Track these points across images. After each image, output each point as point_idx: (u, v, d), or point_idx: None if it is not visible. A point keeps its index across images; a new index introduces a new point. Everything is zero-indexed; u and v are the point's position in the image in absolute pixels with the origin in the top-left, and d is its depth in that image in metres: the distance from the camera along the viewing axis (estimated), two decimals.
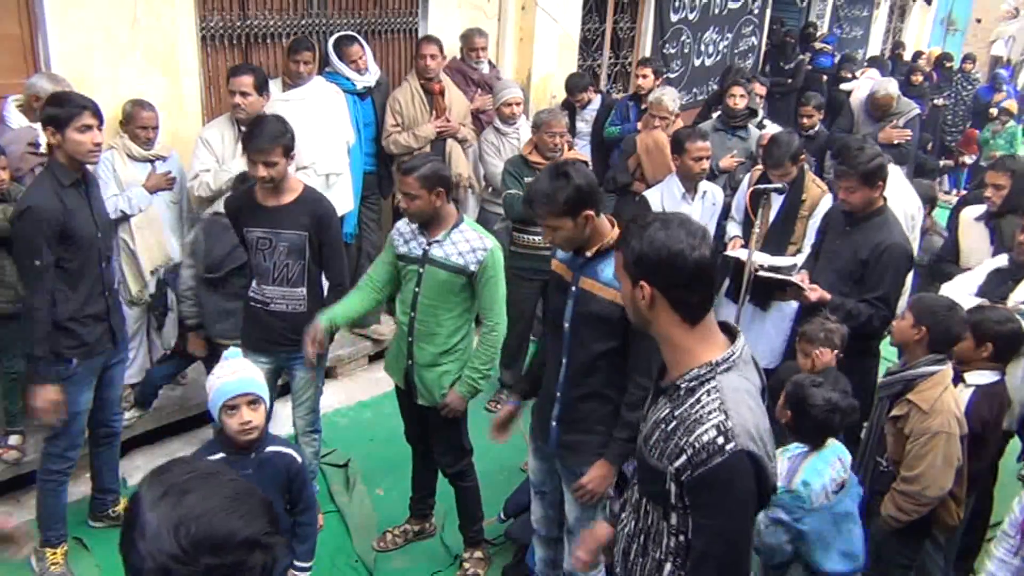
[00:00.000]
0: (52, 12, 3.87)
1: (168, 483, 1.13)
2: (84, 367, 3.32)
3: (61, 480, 3.43)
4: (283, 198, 3.41)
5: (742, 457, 1.70)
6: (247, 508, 1.14)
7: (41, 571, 3.49)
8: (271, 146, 3.25)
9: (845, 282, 3.63)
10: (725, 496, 1.73)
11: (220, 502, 1.12)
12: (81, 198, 3.19)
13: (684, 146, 4.39)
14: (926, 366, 3.00)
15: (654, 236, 1.78)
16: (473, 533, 3.68)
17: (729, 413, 1.72)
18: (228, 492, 1.14)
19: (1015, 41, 16.56)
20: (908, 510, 2.93)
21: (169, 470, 1.17)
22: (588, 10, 7.09)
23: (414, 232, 3.28)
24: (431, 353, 3.31)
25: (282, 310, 3.51)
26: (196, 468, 1.18)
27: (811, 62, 9.55)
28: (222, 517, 1.10)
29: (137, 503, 1.13)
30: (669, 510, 1.84)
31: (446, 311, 3.26)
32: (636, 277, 1.81)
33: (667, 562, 1.89)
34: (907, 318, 3.10)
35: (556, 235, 2.68)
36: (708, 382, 1.78)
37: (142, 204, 4.10)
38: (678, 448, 1.75)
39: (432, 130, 5.17)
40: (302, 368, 3.57)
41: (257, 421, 2.52)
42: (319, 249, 3.48)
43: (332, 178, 4.75)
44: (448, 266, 3.20)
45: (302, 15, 5.07)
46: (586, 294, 2.70)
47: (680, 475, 1.76)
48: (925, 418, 2.89)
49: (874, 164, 3.55)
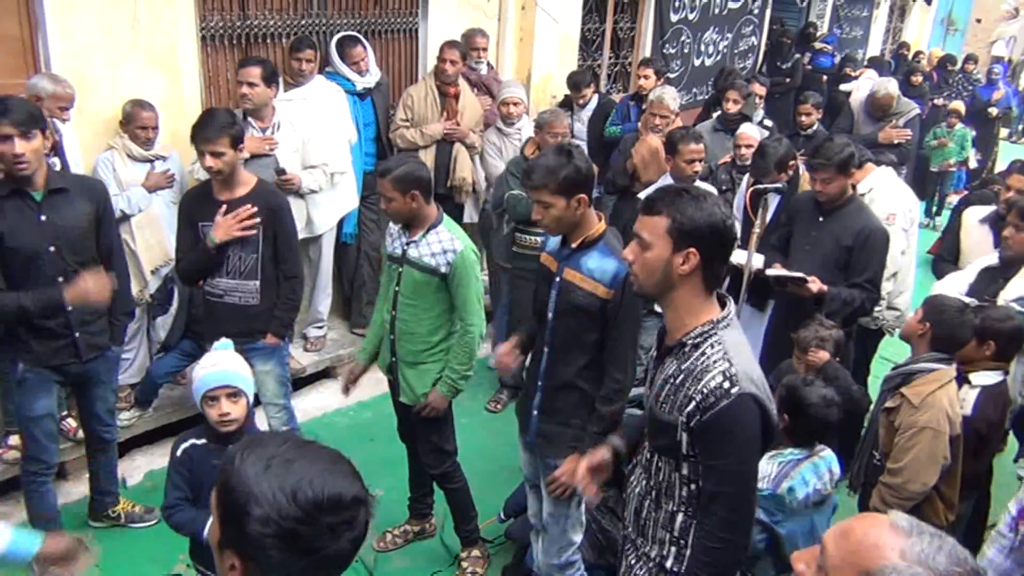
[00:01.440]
0: (52, 12, 3.86)
1: (269, 455, 1.18)
2: (35, 375, 3.22)
3: (40, 481, 3.39)
4: (236, 191, 3.43)
5: (747, 399, 1.86)
6: (347, 470, 1.22)
7: (41, 572, 3.49)
8: (217, 136, 3.26)
9: (830, 270, 3.70)
10: (733, 436, 1.88)
11: (324, 466, 1.19)
12: (23, 209, 3.03)
13: (677, 148, 4.41)
14: (927, 363, 3.02)
15: (710, 208, 1.92)
16: (468, 532, 3.68)
17: (732, 361, 1.89)
18: (327, 457, 1.22)
19: (1016, 42, 16.55)
20: (891, 503, 2.97)
21: (261, 444, 1.21)
22: (588, 10, 7.09)
23: (399, 231, 3.33)
24: (413, 351, 3.34)
25: (235, 302, 3.53)
26: (287, 439, 1.24)
27: (811, 62, 9.56)
28: (331, 479, 1.17)
29: (236, 476, 1.17)
30: (681, 460, 1.98)
31: (424, 310, 3.28)
32: (684, 244, 1.91)
33: (679, 512, 2.04)
34: (918, 313, 3.17)
35: (547, 213, 2.70)
36: (711, 336, 1.94)
37: (141, 204, 4.10)
38: (687, 397, 1.91)
39: (440, 130, 5.19)
40: (258, 360, 3.55)
41: (236, 414, 2.54)
42: (273, 242, 3.50)
43: (337, 176, 4.77)
44: (421, 266, 3.23)
45: (302, 15, 5.07)
46: (569, 284, 2.76)
47: (690, 422, 1.90)
48: (914, 412, 2.93)
49: (846, 153, 3.71)
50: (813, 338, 3.37)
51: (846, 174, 3.73)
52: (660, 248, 1.93)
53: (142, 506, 3.93)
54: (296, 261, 3.66)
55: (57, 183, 3.13)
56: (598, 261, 2.72)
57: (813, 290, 3.61)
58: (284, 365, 3.79)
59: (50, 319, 3.16)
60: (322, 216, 4.82)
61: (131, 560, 3.67)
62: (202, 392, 2.53)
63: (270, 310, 3.57)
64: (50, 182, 3.10)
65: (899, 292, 4.38)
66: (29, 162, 2.96)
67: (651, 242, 1.95)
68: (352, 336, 5.37)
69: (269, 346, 3.60)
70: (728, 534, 1.93)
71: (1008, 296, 3.56)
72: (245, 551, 1.17)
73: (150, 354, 4.50)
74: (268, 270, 3.53)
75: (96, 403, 3.51)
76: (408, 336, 3.32)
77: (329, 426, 4.78)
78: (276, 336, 3.61)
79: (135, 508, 3.91)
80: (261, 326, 3.57)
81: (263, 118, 4.32)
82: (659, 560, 2.09)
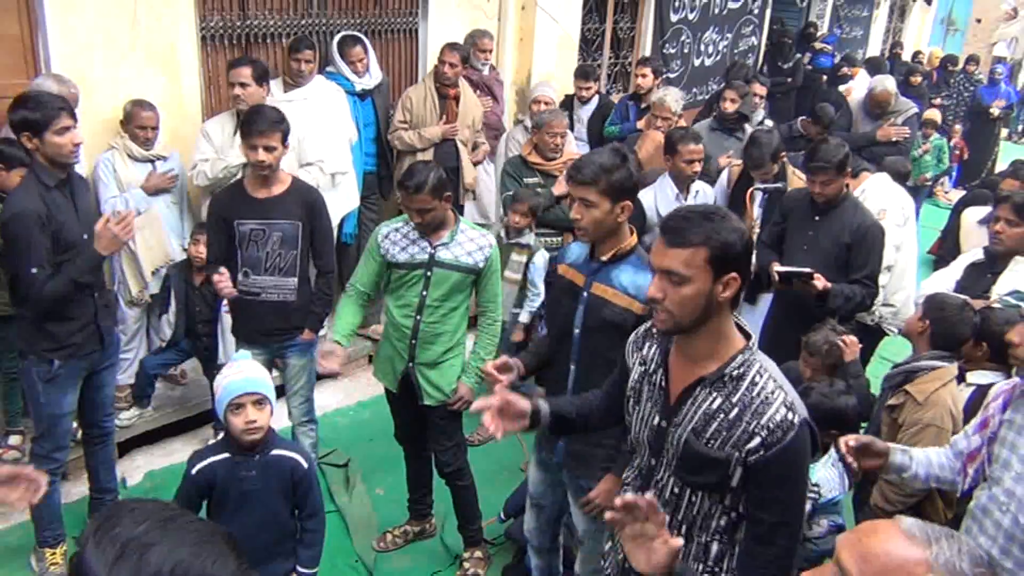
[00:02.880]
0: (52, 12, 3.86)
1: (123, 539, 1.01)
2: (67, 369, 3.26)
3: (51, 480, 3.36)
4: (274, 189, 3.45)
5: (805, 425, 1.81)
6: (216, 550, 1.04)
7: (41, 571, 3.49)
8: (271, 130, 3.29)
9: (830, 268, 3.71)
10: (799, 466, 1.84)
11: (189, 550, 1.02)
12: (66, 200, 3.13)
13: (676, 148, 4.41)
14: (929, 360, 3.03)
15: (739, 227, 1.83)
16: (472, 532, 3.68)
17: (785, 388, 1.83)
18: (192, 537, 1.04)
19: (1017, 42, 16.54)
20: (893, 500, 2.99)
21: (117, 523, 1.03)
22: (588, 10, 7.09)
23: (410, 238, 3.28)
24: (437, 352, 3.34)
25: (273, 300, 3.55)
26: (148, 514, 1.05)
27: (811, 62, 9.55)
28: (197, 564, 1.01)
29: (85, 567, 1.01)
30: (725, 493, 1.89)
31: (452, 310, 3.31)
32: (725, 270, 1.80)
33: (714, 542, 1.95)
34: (918, 310, 3.19)
35: (587, 213, 2.54)
36: (753, 364, 1.86)
37: (140, 206, 4.09)
38: (747, 433, 1.80)
39: (438, 132, 5.19)
40: (295, 356, 3.65)
41: (262, 421, 2.52)
42: (311, 238, 3.54)
43: (338, 176, 4.77)
44: (460, 267, 3.24)
45: (302, 15, 5.07)
46: (599, 300, 2.62)
47: (748, 456, 1.81)
48: (918, 409, 2.93)
49: (842, 154, 3.76)
50: (824, 342, 3.36)
51: (844, 174, 3.78)
52: (701, 280, 1.79)
53: None
54: (331, 256, 3.72)
55: (73, 175, 3.22)
56: (632, 276, 2.58)
57: (819, 287, 3.62)
58: (314, 360, 3.84)
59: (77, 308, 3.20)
60: None
61: None
62: (228, 399, 2.49)
63: (306, 306, 3.62)
64: (71, 170, 3.20)
65: (896, 289, 4.39)
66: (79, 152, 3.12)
67: (689, 276, 1.79)
68: (352, 336, 5.34)
69: (306, 341, 3.66)
70: (788, 561, 1.87)
71: (1000, 290, 3.56)
72: None
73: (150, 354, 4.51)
74: (305, 267, 3.58)
75: (105, 388, 3.55)
76: (434, 338, 3.32)
77: (329, 426, 4.78)
78: (312, 331, 3.67)
79: None
80: (299, 322, 3.62)
81: None
82: None
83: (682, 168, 4.41)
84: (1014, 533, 2.17)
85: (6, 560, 3.58)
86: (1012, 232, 3.68)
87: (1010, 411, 2.26)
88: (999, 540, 2.21)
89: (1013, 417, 2.24)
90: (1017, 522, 2.16)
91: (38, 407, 3.32)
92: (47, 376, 3.22)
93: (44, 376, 3.22)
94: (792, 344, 3.53)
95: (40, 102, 2.98)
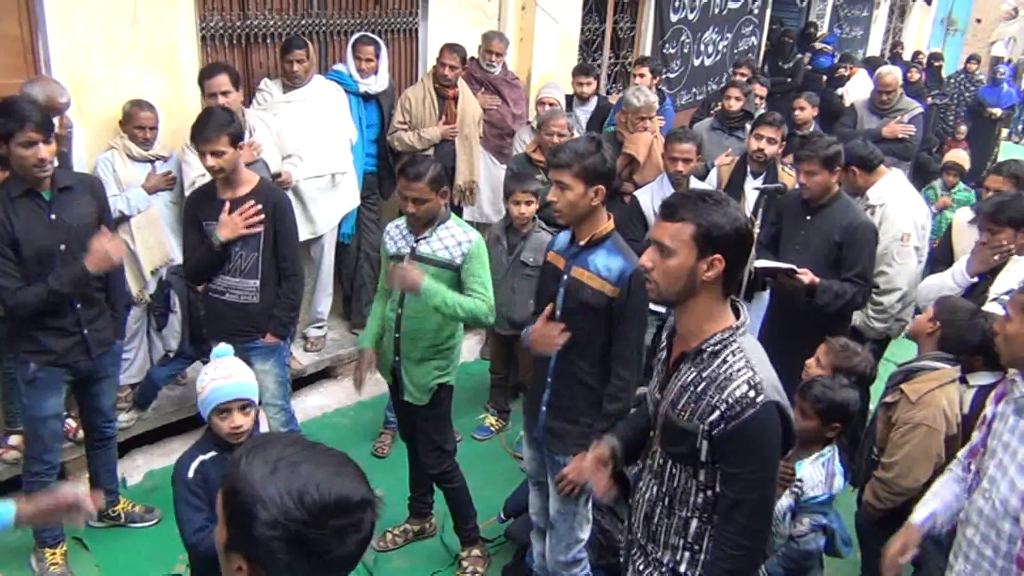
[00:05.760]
0: (52, 12, 3.86)
1: (275, 457, 1.18)
2: (45, 373, 3.24)
3: (43, 481, 3.38)
4: (239, 190, 3.44)
5: (771, 408, 1.87)
6: (353, 472, 1.21)
7: (41, 571, 3.50)
8: (216, 135, 3.27)
9: (821, 267, 3.73)
10: (758, 445, 1.89)
11: (331, 468, 1.19)
12: (35, 209, 3.07)
13: (668, 145, 4.42)
14: (930, 361, 3.04)
15: (734, 213, 1.91)
16: (468, 532, 3.68)
17: (756, 369, 1.89)
18: (333, 460, 1.21)
19: (1016, 42, 16.55)
20: (883, 497, 3.01)
21: (265, 447, 1.20)
22: (588, 10, 7.09)
23: (402, 231, 3.34)
24: (420, 348, 3.34)
25: (235, 300, 3.55)
26: (293, 440, 1.23)
27: (811, 62, 9.55)
28: (338, 482, 1.17)
29: (242, 479, 1.16)
30: (698, 468, 1.97)
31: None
32: (709, 250, 1.89)
33: (693, 518, 2.03)
34: (929, 312, 3.20)
35: (563, 195, 2.71)
36: (730, 344, 1.94)
37: (140, 205, 4.09)
38: (710, 406, 1.90)
39: (437, 133, 5.19)
40: (258, 359, 3.58)
41: (248, 426, 2.52)
42: (274, 240, 3.50)
43: (338, 176, 4.76)
44: (436, 261, 3.24)
45: (302, 15, 5.07)
46: (576, 282, 2.78)
47: (712, 430, 1.90)
48: (911, 408, 2.95)
49: (832, 149, 3.77)
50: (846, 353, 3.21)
51: (831, 170, 3.78)
52: (684, 255, 1.91)
53: (142, 506, 3.93)
54: (296, 259, 3.65)
55: (64, 181, 3.17)
56: (605, 259, 2.75)
57: (804, 281, 3.64)
58: (284, 366, 3.79)
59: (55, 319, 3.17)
60: (324, 216, 4.82)
61: (131, 560, 3.67)
62: (214, 405, 2.48)
63: (270, 309, 3.57)
64: (57, 180, 3.13)
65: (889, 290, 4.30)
66: (49, 165, 3.03)
67: (674, 249, 1.91)
68: (352, 336, 5.36)
69: (268, 345, 3.60)
70: (749, 540, 1.94)
71: (998, 291, 3.56)
72: (252, 554, 1.17)
73: (150, 355, 4.50)
74: (268, 269, 3.54)
75: (103, 397, 3.53)
76: (416, 333, 3.32)
77: (329, 426, 4.79)
78: (275, 336, 3.61)
79: (135, 508, 3.91)
80: (260, 325, 3.57)
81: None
82: (672, 565, 2.09)
83: (666, 165, 4.44)
84: (994, 520, 2.25)
85: (6, 560, 3.58)
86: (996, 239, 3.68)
87: (1002, 404, 2.33)
88: (980, 527, 2.30)
89: (1004, 409, 2.31)
90: (995, 507, 2.24)
91: (23, 408, 3.34)
92: (27, 378, 3.23)
93: (24, 377, 3.23)
94: (788, 341, 3.52)
95: (12, 111, 2.92)
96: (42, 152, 2.97)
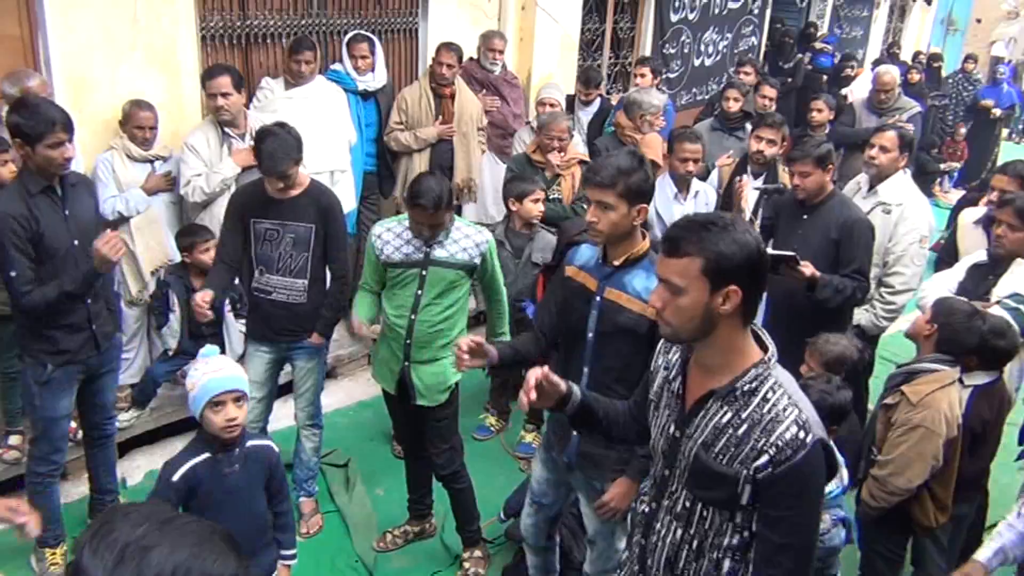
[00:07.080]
0: (52, 12, 3.86)
1: (121, 543, 1.00)
2: (61, 373, 3.25)
3: (48, 482, 3.40)
4: (291, 191, 3.46)
5: (818, 447, 1.75)
6: (217, 549, 1.04)
7: (41, 571, 3.50)
8: (286, 167, 3.33)
9: (820, 264, 3.72)
10: (806, 487, 1.77)
11: (189, 551, 1.02)
12: (53, 205, 3.10)
13: (673, 146, 4.41)
14: (931, 363, 3.04)
15: (743, 238, 1.75)
16: (471, 533, 3.68)
17: (800, 406, 1.77)
18: (191, 538, 1.04)
19: (1016, 43, 16.54)
20: (877, 496, 3.01)
21: (114, 528, 1.02)
22: (588, 10, 7.09)
23: (404, 237, 3.27)
24: (433, 348, 3.33)
25: (283, 300, 3.56)
26: (145, 517, 1.04)
27: (811, 62, 9.55)
28: (199, 565, 1.01)
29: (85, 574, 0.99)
30: (736, 510, 1.85)
31: (448, 307, 3.31)
32: (723, 282, 1.74)
33: (726, 559, 1.91)
34: (927, 313, 3.20)
35: (604, 216, 2.52)
36: (766, 380, 1.80)
37: (140, 206, 4.09)
38: (756, 450, 1.76)
39: (434, 133, 5.18)
40: (303, 357, 3.66)
41: (241, 418, 2.52)
42: (324, 241, 3.53)
43: (336, 175, 4.76)
44: (454, 264, 3.24)
45: (302, 15, 5.07)
46: (612, 305, 2.60)
47: (757, 474, 1.76)
48: (911, 410, 2.94)
49: (824, 148, 3.81)
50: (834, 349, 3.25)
51: (824, 168, 3.81)
52: (696, 292, 1.75)
53: None
54: (346, 261, 3.69)
55: (71, 178, 3.20)
56: (644, 281, 2.55)
57: (806, 273, 3.64)
58: (324, 363, 3.87)
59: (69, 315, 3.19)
60: None
61: None
62: (209, 397, 2.47)
63: (317, 309, 3.60)
64: (65, 177, 3.16)
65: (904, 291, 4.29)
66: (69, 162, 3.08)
67: (683, 287, 1.76)
68: (352, 336, 5.36)
69: (314, 345, 3.64)
70: None
71: (1001, 292, 3.56)
72: None
73: (150, 354, 4.50)
74: (317, 269, 3.57)
75: (106, 392, 3.54)
76: (431, 336, 3.31)
77: (329, 426, 4.76)
78: (321, 335, 3.65)
79: None
80: (307, 325, 3.60)
81: (239, 125, 4.23)
82: None
83: (676, 167, 4.43)
84: None
85: (6, 560, 3.58)
86: (1013, 237, 3.66)
87: None
88: None
89: None
90: None
91: (34, 409, 3.32)
92: (42, 379, 3.22)
93: (39, 379, 3.22)
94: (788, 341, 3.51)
95: (38, 113, 2.94)
96: (68, 151, 3.01)
